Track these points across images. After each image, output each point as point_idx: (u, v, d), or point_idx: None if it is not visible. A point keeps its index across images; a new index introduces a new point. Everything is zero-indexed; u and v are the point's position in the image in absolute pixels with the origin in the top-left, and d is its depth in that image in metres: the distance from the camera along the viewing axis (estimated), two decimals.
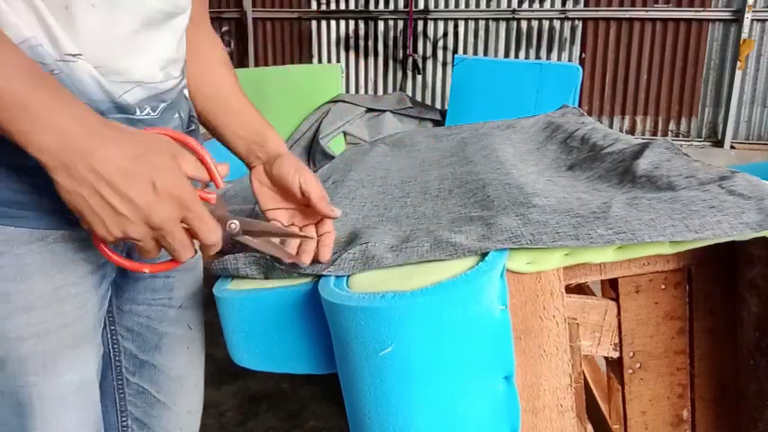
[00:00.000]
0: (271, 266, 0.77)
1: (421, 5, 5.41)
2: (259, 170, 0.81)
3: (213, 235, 0.60)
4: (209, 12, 0.91)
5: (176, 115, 0.75)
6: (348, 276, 0.73)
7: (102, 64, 0.62)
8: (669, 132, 5.22)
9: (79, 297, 0.68)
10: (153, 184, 0.55)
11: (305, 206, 0.79)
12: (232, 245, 0.67)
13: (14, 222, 0.61)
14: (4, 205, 0.60)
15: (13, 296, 0.62)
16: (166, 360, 0.85)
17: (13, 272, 0.62)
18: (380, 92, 5.58)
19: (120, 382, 0.85)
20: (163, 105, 0.71)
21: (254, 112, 0.85)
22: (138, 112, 0.67)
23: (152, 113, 0.69)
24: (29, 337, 0.64)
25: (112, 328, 0.82)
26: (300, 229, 0.78)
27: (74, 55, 0.60)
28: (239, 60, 5.77)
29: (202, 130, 0.87)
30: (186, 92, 0.79)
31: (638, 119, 5.24)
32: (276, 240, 0.74)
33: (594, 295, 0.94)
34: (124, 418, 0.86)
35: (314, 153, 3.03)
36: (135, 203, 0.54)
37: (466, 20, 5.37)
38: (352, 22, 5.59)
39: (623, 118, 5.26)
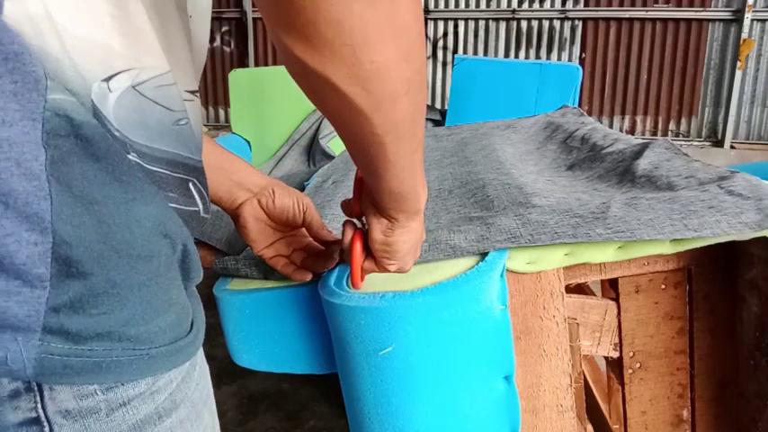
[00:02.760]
0: (270, 268, 0.77)
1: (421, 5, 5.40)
2: (253, 204, 0.69)
3: None
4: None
5: None
6: (348, 276, 0.73)
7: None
8: (669, 132, 5.22)
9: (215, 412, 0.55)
10: None
11: (292, 232, 0.74)
12: None
13: (183, 358, 0.44)
14: (178, 339, 0.43)
15: None
16: None
17: (191, 421, 0.46)
18: None
19: None
20: None
21: (218, 147, 0.72)
22: None
23: None
24: None
25: None
26: (288, 256, 0.74)
27: (193, 92, 0.48)
28: (239, 60, 5.77)
29: (203, 129, 0.85)
30: None
31: (638, 119, 5.23)
32: None
33: (594, 295, 0.94)
34: None
35: (314, 153, 3.03)
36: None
37: (466, 20, 5.37)
38: None
39: (623, 118, 5.26)
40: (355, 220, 0.63)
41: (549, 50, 5.27)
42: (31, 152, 0.33)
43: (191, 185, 0.47)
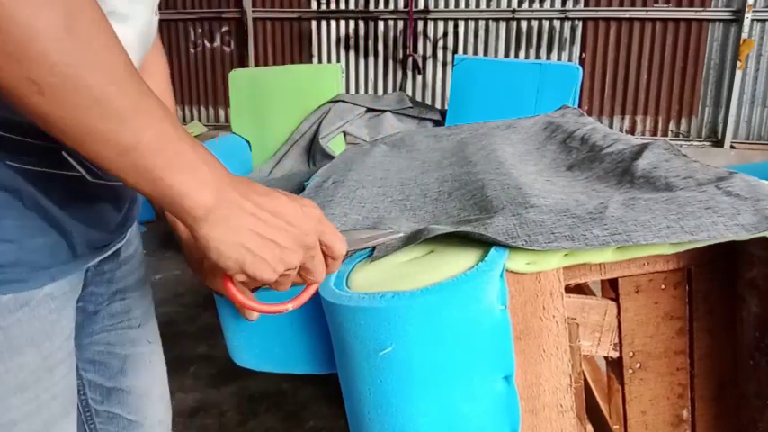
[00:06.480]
0: None
1: (421, 5, 5.41)
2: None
3: (343, 245, 0.58)
4: (210, 11, 0.90)
5: None
6: (348, 276, 0.73)
7: None
8: (669, 132, 5.22)
9: (65, 362, 0.62)
10: (299, 205, 0.54)
11: None
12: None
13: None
14: None
15: (3, 376, 0.55)
16: (132, 380, 0.81)
17: (2, 348, 0.55)
18: (380, 92, 5.59)
19: (88, 415, 0.80)
20: None
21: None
22: None
23: None
24: (21, 420, 0.58)
25: None
26: None
27: None
28: (239, 60, 5.77)
29: (203, 129, 0.86)
30: None
31: (638, 119, 5.23)
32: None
33: (594, 295, 0.94)
34: None
35: (314, 153, 3.04)
36: (294, 229, 0.53)
37: (466, 20, 5.37)
38: (352, 22, 5.59)
39: (623, 118, 5.26)
40: None
41: (549, 50, 5.27)
42: None
43: (64, 153, 0.54)
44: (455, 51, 5.38)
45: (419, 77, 5.50)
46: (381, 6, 5.49)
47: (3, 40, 0.38)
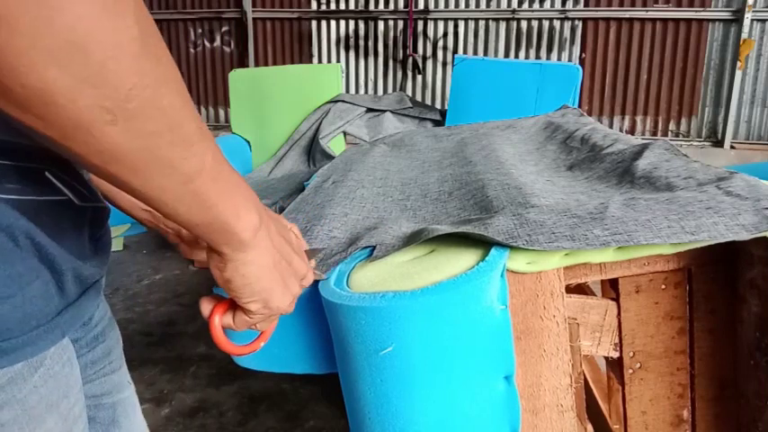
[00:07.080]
0: None
1: (421, 5, 5.41)
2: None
3: (313, 275, 0.57)
4: (210, 11, 0.88)
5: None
6: (348, 276, 0.73)
7: None
8: (669, 132, 5.22)
9: (81, 417, 0.56)
10: (292, 233, 0.53)
11: None
12: None
13: (10, 360, 0.45)
14: None
15: None
16: (124, 428, 0.75)
17: (21, 425, 0.47)
18: (380, 92, 5.59)
19: None
20: None
21: None
22: None
23: None
24: None
25: None
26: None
27: None
28: (239, 60, 5.77)
29: None
30: None
31: (638, 119, 5.24)
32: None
33: (594, 295, 0.94)
34: None
35: (314, 153, 3.03)
36: (297, 256, 0.51)
37: (466, 20, 5.38)
38: (352, 22, 5.59)
39: (623, 118, 5.26)
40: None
41: (549, 50, 5.27)
42: None
43: (48, 174, 0.46)
44: (455, 51, 5.38)
45: (419, 77, 5.50)
46: (381, 6, 5.49)
47: (80, 63, 0.31)
